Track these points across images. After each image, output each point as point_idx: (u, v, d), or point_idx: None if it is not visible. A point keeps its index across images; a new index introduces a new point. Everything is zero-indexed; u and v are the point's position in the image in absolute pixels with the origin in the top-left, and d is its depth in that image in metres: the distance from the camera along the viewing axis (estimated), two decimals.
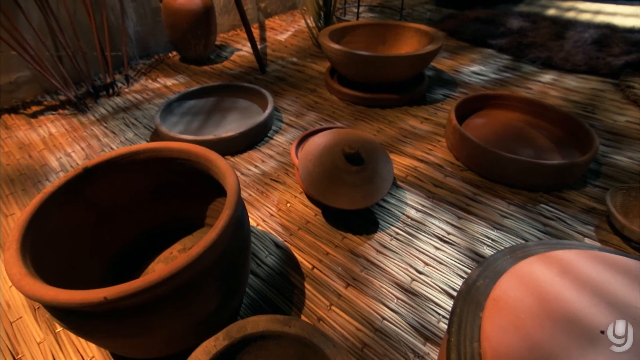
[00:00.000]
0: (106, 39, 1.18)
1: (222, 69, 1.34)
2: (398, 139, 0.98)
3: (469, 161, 0.88)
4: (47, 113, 1.13)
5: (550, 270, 0.44)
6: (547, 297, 0.40)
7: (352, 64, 1.04)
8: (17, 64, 1.12)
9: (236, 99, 1.09)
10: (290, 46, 1.51)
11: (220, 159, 0.54)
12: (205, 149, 0.56)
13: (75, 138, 1.02)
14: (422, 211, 0.77)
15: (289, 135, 0.99)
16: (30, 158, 0.95)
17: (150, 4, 1.36)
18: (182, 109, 1.06)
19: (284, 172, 0.86)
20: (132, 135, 1.02)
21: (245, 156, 0.91)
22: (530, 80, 1.28)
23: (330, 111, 1.08)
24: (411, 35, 1.23)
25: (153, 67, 1.37)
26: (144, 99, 1.18)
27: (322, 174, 0.67)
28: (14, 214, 0.79)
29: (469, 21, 1.73)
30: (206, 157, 0.56)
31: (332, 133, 0.73)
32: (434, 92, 1.19)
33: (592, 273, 0.42)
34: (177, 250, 0.66)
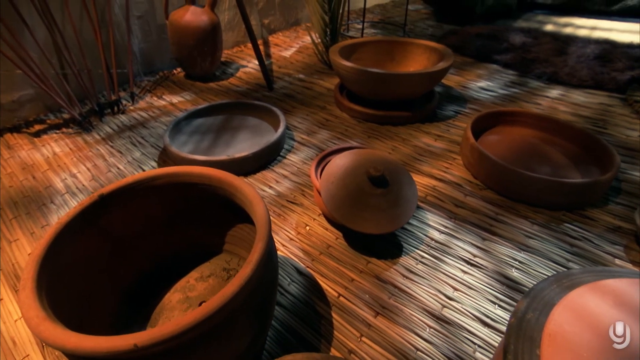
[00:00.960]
0: (112, 56, 1.16)
1: (229, 85, 1.33)
2: (414, 158, 0.96)
3: (488, 179, 0.86)
4: (51, 132, 1.09)
5: (605, 302, 0.41)
6: (606, 332, 0.38)
7: (365, 81, 1.03)
8: (21, 82, 1.10)
9: (245, 117, 1.07)
10: (295, 62, 1.50)
11: (246, 185, 0.52)
12: (229, 174, 0.54)
13: (81, 158, 0.99)
14: (446, 233, 0.75)
15: (302, 154, 0.97)
16: (34, 179, 0.92)
17: (156, 21, 1.35)
18: (191, 128, 1.03)
19: (300, 193, 0.84)
20: (139, 154, 0.99)
21: (259, 176, 0.89)
22: (538, 95, 1.28)
23: (343, 129, 1.07)
24: (420, 52, 1.22)
25: (158, 84, 1.34)
26: (150, 117, 1.15)
27: (346, 197, 0.65)
28: (17, 240, 0.76)
29: (472, 37, 1.74)
30: (230, 182, 0.53)
31: (353, 154, 0.71)
32: (444, 109, 1.18)
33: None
34: (193, 278, 0.63)
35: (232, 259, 0.65)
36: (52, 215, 0.81)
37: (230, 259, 0.65)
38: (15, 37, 0.96)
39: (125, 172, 0.93)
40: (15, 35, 0.96)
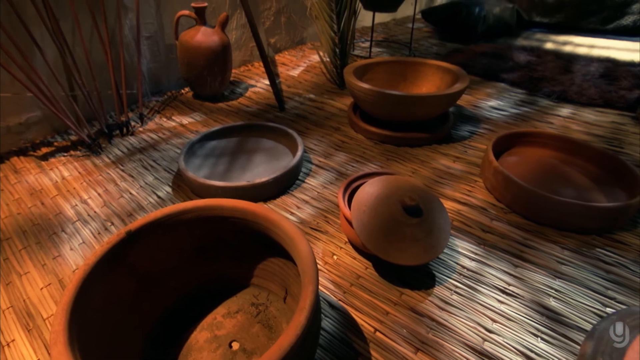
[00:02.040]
0: (122, 77, 1.14)
1: (239, 106, 1.31)
2: (435, 181, 0.94)
3: (514, 203, 0.84)
4: (58, 155, 1.06)
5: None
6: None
7: (382, 103, 1.02)
8: (28, 104, 1.07)
9: (260, 139, 1.05)
10: (304, 82, 1.49)
11: (285, 221, 0.49)
12: (264, 208, 0.51)
13: (91, 182, 0.95)
14: (476, 260, 0.73)
15: (321, 178, 0.95)
16: (43, 206, 0.88)
17: (164, 41, 1.34)
18: (205, 150, 1.01)
19: (324, 220, 0.81)
20: (151, 179, 0.96)
21: (279, 202, 0.86)
22: (549, 114, 1.28)
23: (360, 151, 1.05)
24: (432, 72, 1.22)
25: (166, 104, 1.32)
26: (161, 139, 1.13)
27: (379, 228, 0.63)
28: (28, 273, 0.72)
29: (477, 56, 1.75)
30: (266, 217, 0.50)
31: (382, 181, 0.69)
32: (459, 129, 1.18)
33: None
34: (220, 315, 0.60)
35: (261, 293, 0.62)
36: (64, 245, 0.77)
37: (259, 293, 0.62)
38: (26, 59, 0.93)
39: (138, 197, 0.89)
40: (26, 57, 0.93)
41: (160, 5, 1.28)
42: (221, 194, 0.83)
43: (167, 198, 0.89)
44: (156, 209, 0.85)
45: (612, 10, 2.31)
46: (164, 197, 0.89)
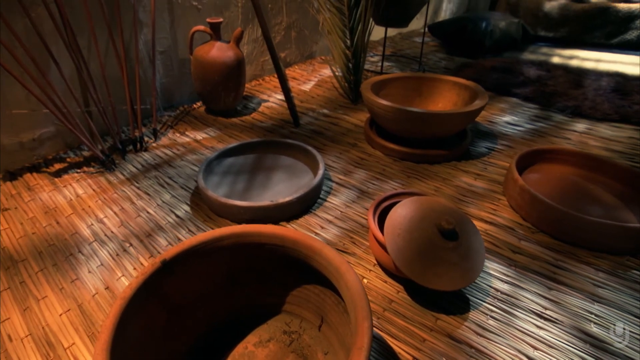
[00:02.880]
0: (137, 92, 1.13)
1: (252, 121, 1.30)
2: (458, 199, 0.93)
3: (541, 223, 0.83)
4: (72, 171, 1.04)
5: None
6: None
7: (402, 120, 1.00)
8: (42, 120, 1.05)
9: (278, 156, 1.03)
10: (317, 97, 1.49)
11: (328, 249, 0.47)
12: (305, 235, 0.49)
13: (106, 200, 0.93)
14: (509, 282, 0.70)
15: (343, 196, 0.93)
16: (58, 225, 0.86)
17: (178, 56, 1.33)
18: (222, 168, 0.99)
19: (350, 241, 0.79)
20: (169, 197, 0.94)
21: (302, 222, 0.84)
22: (564, 129, 1.28)
23: (380, 168, 1.03)
24: (448, 88, 1.22)
25: (179, 119, 1.31)
26: (175, 155, 1.11)
27: (416, 252, 0.61)
28: (46, 297, 0.69)
29: (487, 70, 1.76)
30: (307, 245, 0.48)
31: (414, 203, 0.67)
32: (476, 145, 1.16)
33: None
34: (252, 344, 0.57)
35: (293, 320, 0.59)
36: (82, 268, 0.75)
37: (291, 320, 0.59)
38: (44, 75, 0.92)
39: (156, 217, 0.87)
40: (44, 73, 0.92)
41: (174, 20, 1.28)
42: (243, 214, 0.81)
43: (186, 217, 0.86)
44: (176, 229, 0.83)
45: (616, 25, 2.33)
46: (183, 216, 0.87)
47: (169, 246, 0.79)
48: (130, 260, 0.76)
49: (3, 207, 0.91)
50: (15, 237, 0.83)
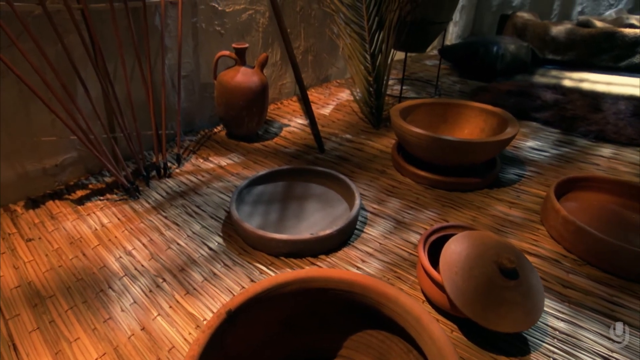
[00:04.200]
0: (163, 117, 1.11)
1: (275, 146, 1.28)
2: (496, 229, 0.90)
3: (588, 255, 0.80)
4: (94, 198, 1.01)
5: None
6: None
7: (436, 148, 0.99)
8: (66, 145, 1.03)
9: (309, 184, 1.01)
10: (337, 121, 1.48)
11: (404, 297, 0.44)
12: (376, 281, 0.46)
13: (133, 231, 0.90)
14: (566, 320, 0.67)
15: (380, 227, 0.90)
16: (85, 257, 0.82)
17: (199, 80, 1.32)
18: (252, 197, 0.96)
19: (394, 275, 0.76)
20: (198, 227, 0.91)
21: (342, 255, 0.81)
22: (591, 155, 1.26)
23: (413, 197, 1.01)
24: (475, 114, 1.21)
25: (201, 144, 1.29)
26: (200, 182, 1.08)
27: (476, 292, 0.58)
28: (78, 339, 0.65)
29: (503, 94, 1.76)
30: (379, 291, 0.46)
31: (468, 239, 0.65)
32: (505, 172, 1.15)
33: None
34: None
35: None
36: (114, 306, 0.71)
37: None
38: (74, 102, 0.90)
39: (187, 249, 0.84)
40: (73, 99, 0.90)
41: (197, 44, 1.27)
42: (282, 248, 0.78)
43: (219, 250, 0.83)
44: (210, 263, 0.80)
45: (623, 49, 2.36)
46: (216, 249, 0.84)
47: (204, 282, 0.75)
48: (165, 298, 0.72)
49: (27, 238, 0.88)
50: (42, 270, 0.79)
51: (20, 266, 0.80)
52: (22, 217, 0.95)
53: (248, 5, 1.37)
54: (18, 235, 0.89)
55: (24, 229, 0.90)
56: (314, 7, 1.63)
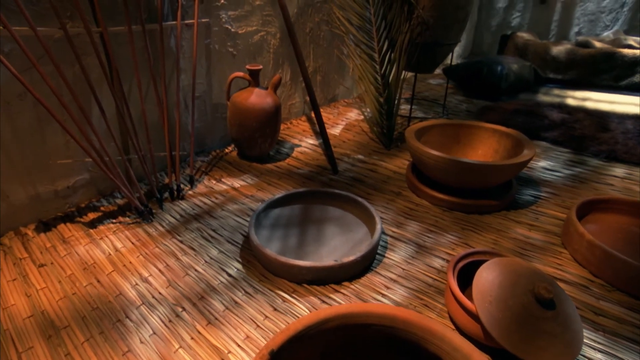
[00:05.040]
0: (177, 138, 1.10)
1: (288, 167, 1.27)
2: (518, 253, 0.89)
3: (617, 280, 0.79)
4: (107, 221, 0.99)
5: None
6: None
7: (455, 171, 0.98)
8: (78, 167, 1.02)
9: (325, 207, 1.00)
10: (348, 141, 1.47)
11: (452, 333, 0.42)
12: (420, 316, 0.45)
13: (148, 256, 0.88)
14: (603, 351, 0.65)
15: (401, 251, 0.88)
16: (99, 284, 0.80)
17: (211, 100, 1.32)
18: (269, 220, 0.95)
19: (421, 303, 0.74)
20: (216, 252, 0.89)
21: (366, 282, 0.79)
22: (604, 175, 1.26)
23: (432, 220, 1.00)
24: (488, 135, 1.21)
25: (213, 164, 1.28)
26: (214, 204, 1.07)
27: (513, 323, 0.56)
28: None
29: (510, 113, 1.77)
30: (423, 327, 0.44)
31: (499, 266, 0.63)
32: (521, 193, 1.14)
33: None
34: None
35: None
36: (132, 337, 0.68)
37: None
38: (90, 124, 0.89)
39: (206, 275, 0.82)
40: (90, 123, 0.89)
41: (210, 65, 1.28)
42: (305, 275, 0.76)
43: (239, 277, 0.81)
44: (230, 290, 0.78)
45: (623, 69, 2.40)
46: (236, 275, 0.81)
47: (226, 311, 0.73)
48: (186, 328, 0.70)
49: (39, 263, 0.85)
50: (55, 298, 0.77)
51: (32, 294, 0.78)
52: (33, 240, 0.92)
53: (260, 26, 1.38)
54: (29, 260, 0.87)
55: (36, 254, 0.88)
56: (323, 28, 1.65)
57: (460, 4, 1.41)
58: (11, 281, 0.81)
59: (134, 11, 0.99)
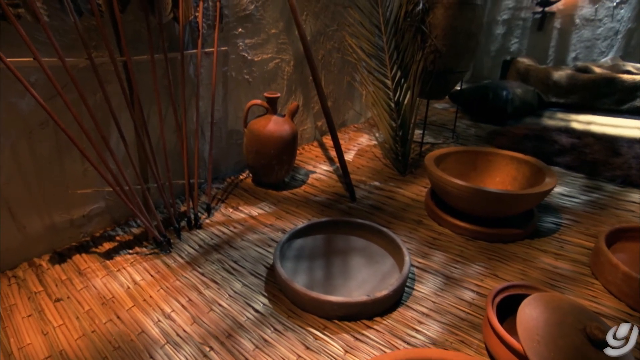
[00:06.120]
0: (195, 166, 1.09)
1: (305, 194, 1.26)
2: (550, 284, 0.87)
3: None
4: (123, 252, 0.96)
5: None
6: None
7: (479, 200, 0.97)
8: (94, 195, 1.00)
9: (348, 237, 0.98)
10: (362, 167, 1.47)
11: None
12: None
13: (169, 290, 0.85)
14: None
15: (429, 283, 0.86)
16: (120, 321, 0.77)
17: (227, 127, 1.32)
18: (293, 251, 0.93)
19: (456, 339, 0.71)
20: (239, 286, 0.86)
21: (398, 317, 0.77)
22: (622, 201, 1.26)
23: (456, 250, 0.98)
24: (505, 162, 1.21)
25: (229, 192, 1.26)
26: (233, 234, 1.04)
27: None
28: None
29: (520, 138, 1.78)
30: None
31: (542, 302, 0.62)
32: (542, 220, 1.13)
33: None
34: None
35: None
36: None
37: None
38: (112, 154, 0.88)
39: (231, 311, 0.79)
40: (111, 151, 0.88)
41: (227, 92, 1.28)
42: (337, 311, 0.73)
43: (266, 312, 0.78)
44: (259, 327, 0.75)
45: (624, 93, 2.44)
46: (263, 311, 0.79)
47: (256, 350, 0.70)
48: None
49: (55, 297, 0.82)
50: (74, 337, 0.73)
51: (49, 332, 0.74)
52: (47, 272, 0.89)
53: (275, 54, 1.40)
54: (45, 294, 0.83)
55: (51, 287, 0.85)
56: (334, 55, 1.67)
57: (472, 32, 1.43)
58: (26, 317, 0.77)
59: (156, 40, 1.00)
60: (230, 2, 1.18)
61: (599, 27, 2.88)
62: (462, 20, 1.39)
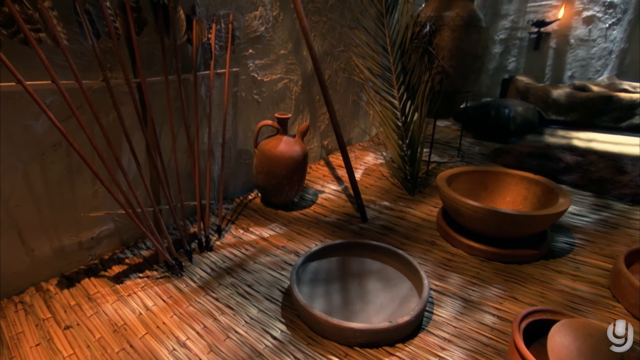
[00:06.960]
0: (207, 187, 1.08)
1: (315, 215, 1.24)
2: (570, 307, 0.86)
3: None
4: (133, 275, 0.94)
5: None
6: None
7: (493, 221, 0.97)
8: (104, 217, 0.98)
9: (363, 260, 0.96)
10: (370, 187, 1.46)
11: None
12: None
13: (183, 316, 0.83)
14: None
15: (449, 307, 0.85)
16: (133, 350, 0.74)
17: (236, 147, 1.31)
18: (308, 275, 0.91)
19: None
20: (255, 311, 0.84)
21: (419, 343, 0.75)
22: (633, 220, 1.26)
23: (473, 272, 0.97)
24: (516, 182, 1.21)
25: (238, 212, 1.25)
26: (246, 256, 1.03)
27: None
28: None
29: (525, 156, 1.79)
30: None
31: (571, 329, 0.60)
32: (555, 241, 1.12)
33: None
34: None
35: None
36: None
37: None
38: (125, 175, 0.87)
39: (249, 339, 0.76)
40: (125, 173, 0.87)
41: (236, 112, 1.28)
42: (358, 338, 0.71)
43: (285, 340, 0.76)
44: (278, 355, 0.73)
45: (622, 111, 2.48)
46: (281, 338, 0.77)
47: None
48: None
49: (64, 325, 0.80)
50: None
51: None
52: (56, 298, 0.87)
53: (284, 74, 1.41)
54: (53, 321, 0.81)
55: (60, 313, 0.83)
56: (340, 75, 1.69)
57: (478, 54, 1.46)
58: (34, 347, 0.75)
59: (170, 62, 1.00)
60: (242, 23, 1.19)
61: (593, 47, 2.94)
62: (468, 42, 1.41)
